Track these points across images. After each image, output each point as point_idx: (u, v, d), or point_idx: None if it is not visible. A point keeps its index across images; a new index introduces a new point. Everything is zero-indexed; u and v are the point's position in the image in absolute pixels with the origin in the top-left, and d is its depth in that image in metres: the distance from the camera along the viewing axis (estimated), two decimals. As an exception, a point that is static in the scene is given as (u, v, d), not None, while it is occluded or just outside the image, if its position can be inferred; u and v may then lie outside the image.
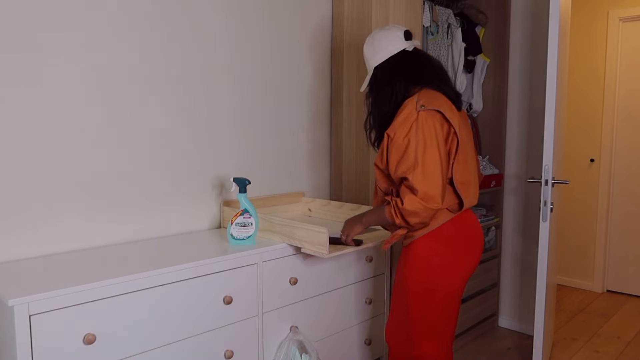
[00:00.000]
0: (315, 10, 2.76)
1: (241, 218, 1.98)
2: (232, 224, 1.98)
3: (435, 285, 1.69)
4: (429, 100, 1.61)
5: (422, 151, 1.57)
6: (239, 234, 1.97)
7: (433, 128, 1.59)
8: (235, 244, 1.98)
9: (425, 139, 1.57)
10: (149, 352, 1.65)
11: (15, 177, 1.77)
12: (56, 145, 1.86)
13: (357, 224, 1.81)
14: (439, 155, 1.58)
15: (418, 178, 1.56)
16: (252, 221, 1.99)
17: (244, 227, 1.98)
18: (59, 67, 1.84)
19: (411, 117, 1.59)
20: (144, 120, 2.10)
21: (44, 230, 1.85)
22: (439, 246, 1.68)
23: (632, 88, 3.81)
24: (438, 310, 1.72)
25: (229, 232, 1.98)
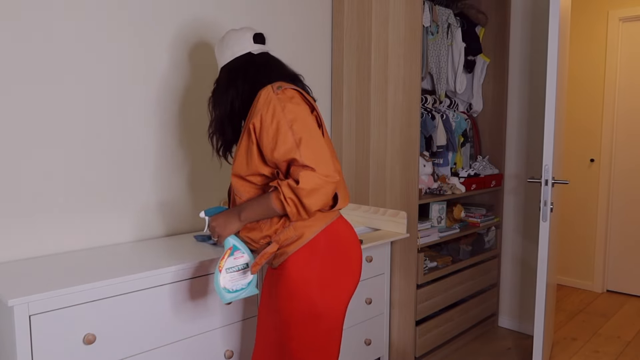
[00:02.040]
0: (315, 10, 2.76)
1: (231, 260, 1.46)
2: (221, 271, 1.44)
3: (318, 313, 1.43)
4: (285, 84, 1.46)
5: (298, 126, 1.37)
6: (234, 284, 1.46)
7: (299, 104, 1.41)
8: (232, 298, 1.46)
9: (295, 114, 1.38)
10: (149, 352, 1.65)
11: (15, 177, 1.77)
12: (56, 146, 1.86)
13: (232, 221, 1.47)
14: (316, 127, 1.40)
15: (307, 153, 1.34)
16: (248, 261, 1.49)
17: (238, 273, 1.47)
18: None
19: (271, 99, 1.40)
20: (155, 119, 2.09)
21: (44, 230, 1.85)
22: (316, 263, 1.43)
23: (632, 88, 3.81)
24: (322, 343, 1.46)
25: (218, 285, 1.44)
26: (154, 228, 2.17)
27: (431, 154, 2.89)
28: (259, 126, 1.41)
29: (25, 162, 1.79)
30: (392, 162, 2.57)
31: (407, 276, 2.56)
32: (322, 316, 1.44)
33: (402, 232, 2.42)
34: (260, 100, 1.43)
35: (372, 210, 2.54)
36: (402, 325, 2.60)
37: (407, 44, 2.47)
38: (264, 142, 1.40)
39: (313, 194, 1.33)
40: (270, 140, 1.38)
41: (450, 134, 2.87)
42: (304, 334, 1.45)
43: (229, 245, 1.47)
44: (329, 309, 1.45)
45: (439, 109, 2.92)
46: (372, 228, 2.54)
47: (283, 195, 1.35)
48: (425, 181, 2.69)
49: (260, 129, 1.40)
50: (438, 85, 2.94)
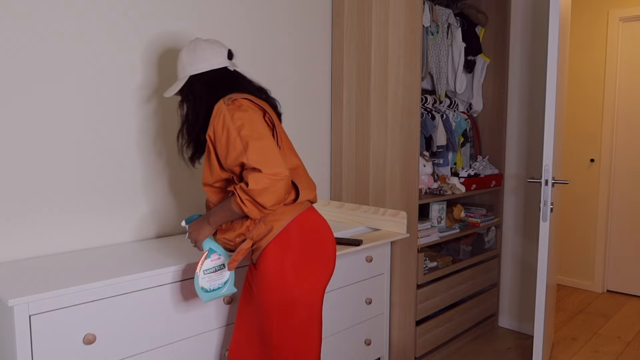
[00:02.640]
0: (315, 10, 2.76)
1: (208, 262, 1.56)
2: (199, 273, 1.54)
3: (295, 301, 1.52)
4: (236, 95, 1.55)
5: (246, 131, 1.45)
6: (212, 284, 1.57)
7: (247, 110, 1.49)
8: (211, 297, 1.57)
9: (243, 120, 1.46)
10: (149, 352, 1.65)
11: (15, 177, 1.77)
12: (55, 146, 1.86)
13: (203, 226, 1.58)
14: (265, 129, 1.48)
15: (254, 156, 1.42)
16: (224, 262, 1.59)
17: (215, 274, 1.57)
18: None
19: (221, 110, 1.50)
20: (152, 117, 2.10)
21: (44, 230, 1.85)
22: (289, 253, 1.52)
23: (632, 88, 3.81)
24: (301, 330, 1.55)
25: (198, 285, 1.54)
26: (155, 228, 2.17)
27: (431, 154, 2.89)
28: (213, 136, 1.51)
29: (25, 162, 1.79)
30: (392, 162, 2.57)
31: (407, 276, 2.56)
32: (299, 303, 1.53)
33: (402, 232, 2.42)
34: (214, 112, 1.52)
35: (372, 210, 2.54)
36: (402, 325, 2.60)
37: (407, 44, 2.47)
38: (218, 151, 1.51)
39: (264, 193, 1.41)
40: (223, 148, 1.48)
41: (450, 134, 2.87)
42: (283, 322, 1.53)
43: (206, 249, 1.58)
44: (305, 296, 1.54)
45: (439, 109, 2.92)
46: (372, 228, 2.54)
47: (239, 198, 1.44)
48: (425, 181, 2.69)
49: (214, 138, 1.51)
50: (438, 85, 2.94)
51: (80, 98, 1.91)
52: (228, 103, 1.50)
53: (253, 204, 1.43)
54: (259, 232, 1.53)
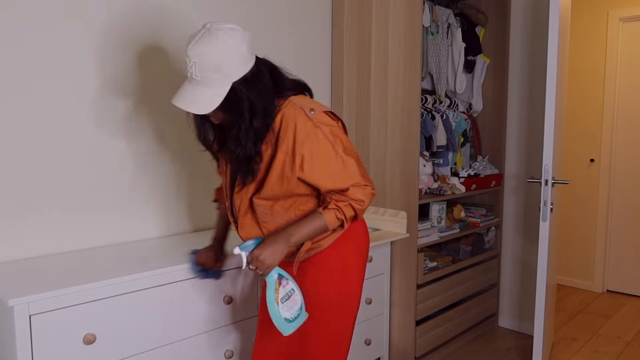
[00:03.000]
0: (315, 10, 2.76)
1: (282, 290, 1.42)
2: (279, 303, 1.40)
3: (355, 297, 1.56)
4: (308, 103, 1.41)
5: (341, 148, 1.40)
6: (291, 312, 1.43)
7: (334, 124, 1.42)
8: (294, 328, 1.43)
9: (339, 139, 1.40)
10: (149, 352, 1.65)
11: (15, 177, 1.77)
12: (55, 146, 1.86)
13: (283, 248, 1.40)
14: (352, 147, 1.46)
15: (355, 175, 1.40)
16: (293, 286, 1.46)
17: (290, 300, 1.43)
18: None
19: (310, 126, 1.37)
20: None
21: (44, 230, 1.85)
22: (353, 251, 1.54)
23: (632, 88, 3.81)
24: (343, 327, 1.56)
25: (281, 317, 1.40)
26: (155, 228, 2.17)
27: (431, 154, 2.89)
28: (310, 157, 1.38)
29: (25, 162, 1.79)
30: (392, 162, 2.57)
31: (407, 276, 2.56)
32: (357, 300, 1.57)
33: (402, 232, 2.42)
34: (299, 128, 1.36)
35: (372, 210, 2.54)
36: (402, 325, 2.60)
37: (407, 44, 2.47)
38: (315, 173, 1.39)
39: (364, 210, 1.45)
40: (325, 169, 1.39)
41: (450, 134, 2.87)
42: (344, 316, 1.55)
43: (276, 275, 1.42)
44: (357, 292, 1.57)
45: (439, 109, 2.92)
46: (372, 228, 2.54)
47: (344, 215, 1.42)
48: (425, 181, 2.69)
49: (311, 159, 1.38)
50: (438, 85, 2.94)
51: (79, 97, 1.91)
52: (313, 117, 1.37)
53: (352, 219, 1.45)
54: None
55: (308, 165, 1.38)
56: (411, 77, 2.46)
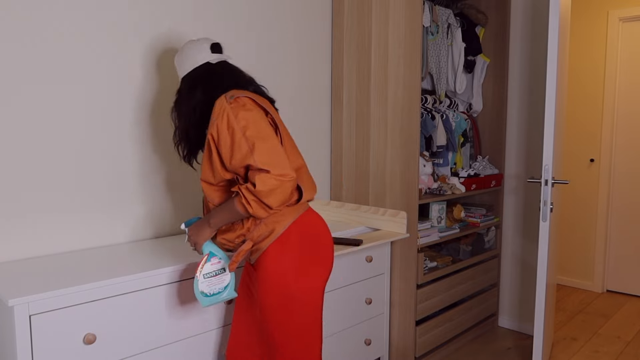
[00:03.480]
0: (315, 10, 2.76)
1: (208, 266, 1.53)
2: (199, 277, 1.51)
3: (295, 300, 1.53)
4: (238, 92, 1.54)
5: (251, 132, 1.44)
6: (212, 288, 1.53)
7: (251, 109, 1.49)
8: (210, 302, 1.53)
9: (247, 120, 1.46)
10: (149, 352, 1.65)
11: (15, 177, 1.77)
12: (55, 146, 1.86)
13: (204, 228, 1.56)
14: (270, 129, 1.48)
15: (260, 157, 1.42)
16: (224, 265, 1.55)
17: (216, 277, 1.54)
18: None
19: (225, 108, 1.48)
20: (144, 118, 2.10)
21: (44, 230, 1.85)
22: (290, 255, 1.52)
23: (632, 88, 3.81)
24: (302, 331, 1.55)
25: (198, 289, 1.51)
26: (155, 228, 2.17)
27: (431, 154, 2.89)
28: (217, 136, 1.49)
29: (25, 162, 1.79)
30: (392, 162, 2.57)
31: (407, 276, 2.56)
32: (299, 303, 1.53)
33: (402, 232, 2.42)
34: (215, 110, 1.51)
35: (372, 210, 2.54)
36: (402, 325, 2.60)
37: (407, 44, 2.47)
38: (222, 151, 1.49)
39: (271, 194, 1.41)
40: (228, 149, 1.47)
41: (450, 134, 2.87)
42: (285, 322, 1.53)
43: (206, 252, 1.54)
44: (306, 295, 1.54)
45: (439, 109, 2.92)
46: (372, 228, 2.54)
47: (245, 199, 1.43)
48: (425, 181, 2.69)
49: (218, 139, 1.49)
50: (438, 85, 2.94)
51: (79, 98, 1.91)
52: (230, 101, 1.49)
53: (259, 205, 1.42)
54: (260, 233, 1.53)
55: (217, 143, 1.50)
56: (411, 77, 2.46)
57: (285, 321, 1.54)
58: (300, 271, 1.53)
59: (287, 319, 1.54)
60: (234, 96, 1.50)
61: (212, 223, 1.54)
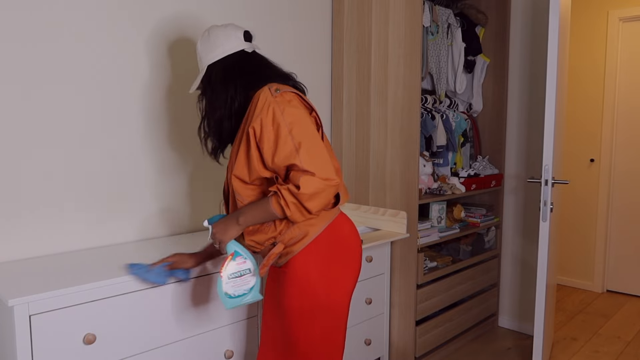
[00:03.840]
0: (315, 10, 2.76)
1: (233, 265, 1.44)
2: (222, 277, 1.44)
3: (324, 308, 1.46)
4: (282, 87, 1.45)
5: (298, 130, 1.37)
6: (237, 290, 1.45)
7: (297, 106, 1.41)
8: (235, 304, 1.46)
9: (294, 117, 1.38)
10: (149, 352, 1.65)
11: (15, 177, 1.77)
12: (55, 146, 1.86)
13: (231, 226, 1.47)
14: (315, 130, 1.40)
15: (306, 159, 1.34)
16: (250, 266, 1.47)
17: (240, 279, 1.45)
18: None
19: (270, 102, 1.39)
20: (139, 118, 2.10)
21: (44, 230, 1.85)
22: (321, 260, 1.45)
23: (632, 88, 3.81)
24: (329, 337, 1.49)
25: (221, 290, 1.44)
26: (155, 228, 2.17)
27: (431, 154, 2.89)
28: (259, 131, 1.39)
29: (26, 162, 1.79)
30: (392, 162, 2.57)
31: (407, 276, 2.56)
32: (328, 310, 1.47)
33: (402, 232, 2.42)
34: (259, 103, 1.41)
35: (372, 210, 2.54)
36: (402, 325, 2.60)
37: (407, 44, 2.47)
38: (264, 147, 1.40)
39: (314, 198, 1.35)
40: (271, 145, 1.38)
41: (450, 134, 2.87)
42: (311, 329, 1.46)
43: (231, 251, 1.46)
44: (335, 303, 1.48)
45: (439, 109, 2.92)
46: (372, 228, 2.53)
47: (284, 200, 1.36)
48: (425, 181, 2.69)
49: (261, 133, 1.39)
50: (438, 85, 2.94)
51: (82, 97, 1.91)
52: (276, 95, 1.40)
53: (298, 208, 1.36)
54: (292, 236, 1.45)
55: (259, 137, 1.40)
56: (411, 77, 2.46)
57: (310, 329, 1.46)
58: (330, 277, 1.46)
59: (313, 326, 1.46)
60: (280, 90, 1.42)
61: (241, 221, 1.45)
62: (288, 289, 1.46)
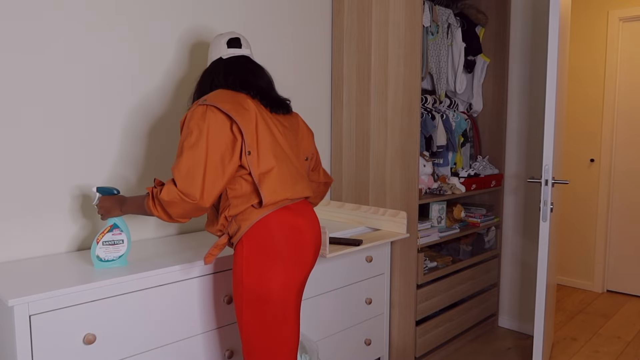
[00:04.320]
0: (315, 10, 2.76)
1: (109, 235, 1.65)
2: (98, 243, 1.64)
3: (258, 298, 1.53)
4: (214, 98, 1.55)
5: (190, 142, 1.49)
6: (107, 255, 1.65)
7: (206, 122, 1.50)
8: (102, 266, 1.65)
9: (193, 131, 1.49)
10: (149, 352, 1.65)
11: (15, 177, 1.77)
12: (55, 146, 1.86)
13: (115, 209, 1.65)
14: (207, 150, 1.48)
15: (179, 169, 1.47)
16: (124, 237, 1.68)
17: (113, 246, 1.66)
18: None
19: (191, 109, 1.55)
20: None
21: (44, 230, 1.85)
22: (253, 251, 1.54)
23: (632, 88, 3.81)
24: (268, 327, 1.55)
25: (94, 254, 1.64)
26: (154, 228, 2.17)
27: (431, 154, 2.89)
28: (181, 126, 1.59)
29: (26, 162, 1.79)
30: (392, 162, 2.57)
31: (407, 276, 2.56)
32: (263, 301, 1.53)
33: (402, 232, 2.42)
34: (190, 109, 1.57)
35: (372, 210, 2.54)
36: (402, 325, 2.60)
37: (407, 44, 2.47)
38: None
39: (172, 206, 1.48)
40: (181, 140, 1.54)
41: (450, 134, 2.87)
42: (250, 317, 1.55)
43: (110, 223, 1.66)
44: (270, 294, 1.53)
45: (439, 109, 2.92)
46: (372, 228, 2.54)
47: (152, 201, 1.52)
48: (425, 181, 2.69)
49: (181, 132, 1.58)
50: (438, 85, 2.94)
51: (81, 97, 1.91)
52: (200, 104, 1.53)
53: (162, 211, 1.51)
54: (232, 229, 1.58)
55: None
56: (411, 77, 2.46)
57: (250, 317, 1.54)
58: (260, 269, 1.53)
59: (251, 312, 1.54)
60: (205, 102, 1.53)
61: (124, 210, 1.64)
62: (233, 275, 1.60)
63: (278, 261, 1.54)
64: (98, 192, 1.68)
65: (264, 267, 1.53)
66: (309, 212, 1.66)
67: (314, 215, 1.67)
